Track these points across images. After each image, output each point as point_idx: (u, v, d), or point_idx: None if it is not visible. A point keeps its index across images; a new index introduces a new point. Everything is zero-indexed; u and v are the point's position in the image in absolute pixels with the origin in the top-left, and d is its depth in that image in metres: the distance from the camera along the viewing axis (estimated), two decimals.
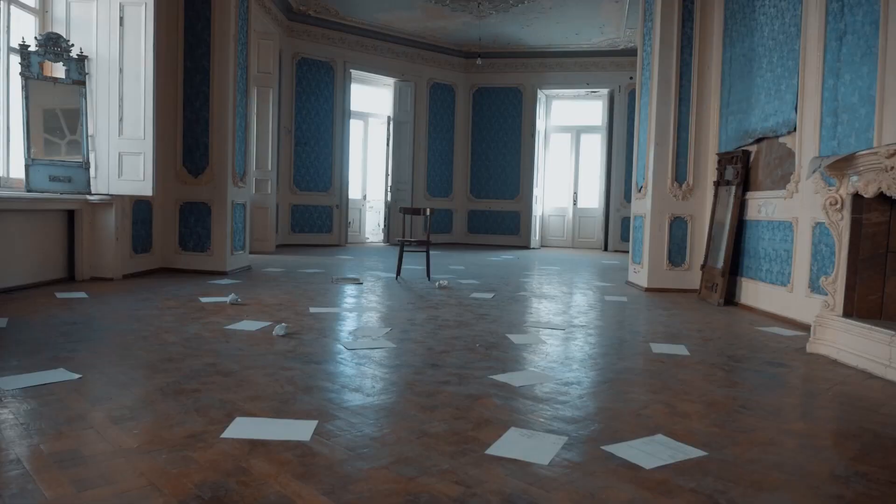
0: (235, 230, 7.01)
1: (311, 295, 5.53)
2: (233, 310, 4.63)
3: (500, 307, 5.27)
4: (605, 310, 5.36)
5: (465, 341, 3.84)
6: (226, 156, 6.74)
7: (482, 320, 4.60)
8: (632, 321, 4.91)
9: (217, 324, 4.09)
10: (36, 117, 5.64)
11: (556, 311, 5.26)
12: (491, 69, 13.57)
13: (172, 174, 6.79)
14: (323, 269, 7.64)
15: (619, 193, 13.09)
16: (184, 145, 6.77)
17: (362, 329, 4.14)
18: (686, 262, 6.66)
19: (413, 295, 5.81)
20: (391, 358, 3.39)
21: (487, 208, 13.76)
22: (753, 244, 5.64)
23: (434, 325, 4.33)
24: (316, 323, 4.27)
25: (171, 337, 3.65)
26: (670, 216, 6.66)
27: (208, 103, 6.72)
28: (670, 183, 6.66)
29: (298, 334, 3.86)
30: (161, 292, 5.33)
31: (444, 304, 5.32)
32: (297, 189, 11.55)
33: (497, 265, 9.14)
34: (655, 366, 3.40)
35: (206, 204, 6.77)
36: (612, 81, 13.11)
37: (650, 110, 6.79)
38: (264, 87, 9.68)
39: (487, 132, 13.74)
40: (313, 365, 3.15)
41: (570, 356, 3.60)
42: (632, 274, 7.24)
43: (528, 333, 4.19)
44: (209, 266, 6.75)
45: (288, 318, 4.40)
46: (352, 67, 12.10)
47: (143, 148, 5.78)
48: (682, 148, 6.65)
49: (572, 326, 4.52)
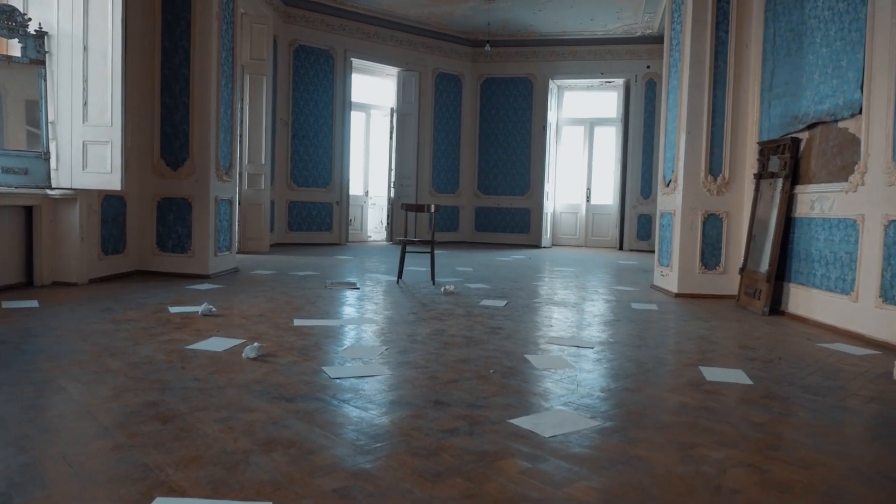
0: (220, 229, 6.34)
1: (300, 303, 4.86)
2: (203, 322, 3.96)
3: (514, 318, 4.58)
4: (635, 321, 4.67)
5: (476, 365, 3.16)
6: (208, 146, 6.07)
7: (495, 335, 3.91)
8: (669, 335, 4.22)
9: (178, 342, 3.42)
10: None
11: (579, 322, 4.57)
12: (500, 58, 12.85)
13: (149, 166, 6.13)
14: (318, 272, 6.97)
15: (636, 189, 12.37)
16: (162, 134, 6.10)
17: (353, 348, 3.46)
18: (721, 265, 5.95)
19: (415, 302, 5.14)
20: (385, 391, 2.71)
21: (496, 205, 13.06)
22: (805, 245, 4.92)
23: (439, 343, 3.65)
24: (298, 340, 3.59)
25: (114, 362, 2.98)
26: (703, 213, 5.95)
27: (189, 87, 6.05)
28: (704, 176, 5.95)
29: (274, 356, 3.19)
30: (127, 300, 4.67)
31: (450, 313, 4.64)
32: (294, 185, 10.89)
33: (507, 266, 8.44)
34: (716, 401, 2.71)
35: (186, 200, 6.10)
36: (628, 71, 12.38)
37: (680, 95, 6.08)
38: (257, 74, 9.00)
39: (496, 125, 13.03)
40: (283, 403, 2.47)
41: (605, 386, 2.91)
42: (658, 277, 6.53)
43: (551, 354, 3.50)
44: (190, 269, 6.08)
45: (266, 333, 3.73)
46: (353, 56, 11.42)
47: (111, 136, 5.11)
48: (717, 136, 5.93)
49: (601, 343, 3.83)
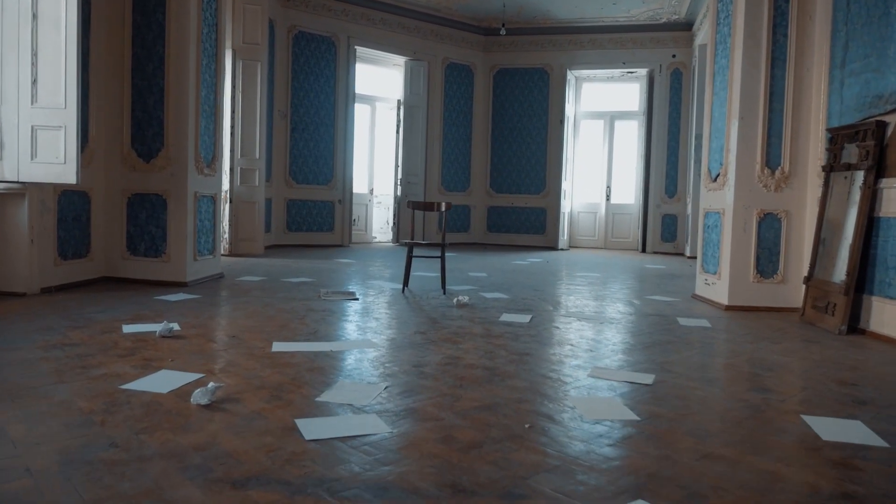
0: (200, 229, 5.55)
1: (285, 319, 4.06)
2: (159, 347, 3.17)
3: (543, 338, 3.77)
4: (690, 342, 3.84)
5: (504, 414, 2.35)
6: (186, 135, 5.28)
7: (523, 365, 3.10)
8: (740, 364, 3.39)
9: (115, 379, 2.62)
10: None
11: (623, 344, 3.74)
12: (514, 47, 12.02)
13: (118, 158, 5.35)
14: (314, 278, 6.17)
15: (660, 188, 11.50)
16: (133, 121, 5.32)
17: (343, 386, 2.66)
18: (779, 273, 5.11)
19: (424, 318, 4.33)
20: (380, 464, 1.90)
21: (510, 204, 12.22)
22: (893, 251, 4.08)
23: (453, 377, 2.84)
24: (273, 374, 2.79)
25: (12, 413, 2.18)
26: (759, 212, 5.11)
27: (164, 67, 5.26)
28: (759, 169, 5.11)
29: (235, 400, 2.39)
30: (76, 316, 3.89)
31: (465, 333, 3.83)
32: (293, 181, 10.10)
33: (525, 271, 7.62)
34: (856, 480, 1.88)
35: (160, 196, 5.32)
36: (651, 60, 11.51)
37: (731, 76, 5.24)
38: (251, 60, 8.22)
39: (510, 118, 12.19)
40: (227, 492, 1.66)
41: (691, 448, 2.09)
42: (701, 286, 5.69)
43: (600, 395, 2.68)
44: (165, 275, 5.30)
45: (233, 363, 2.93)
46: (356, 44, 10.62)
47: (65, 120, 4.33)
48: (776, 123, 5.09)
49: (658, 375, 3.00)
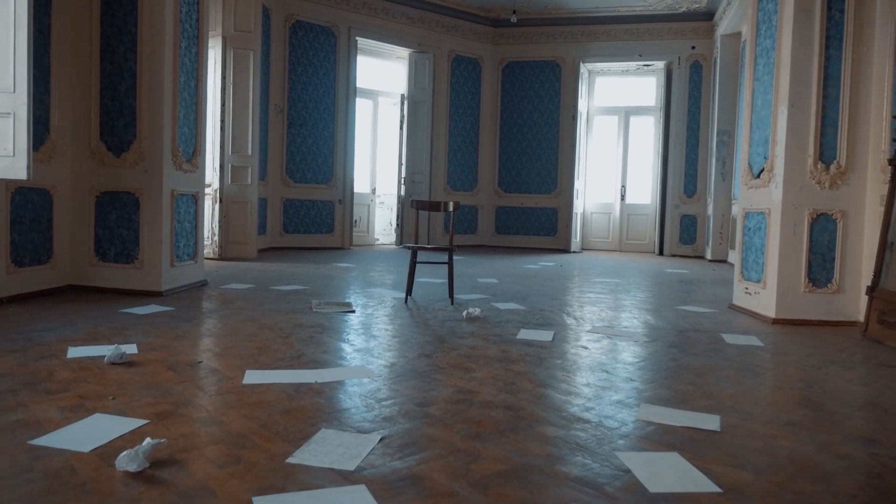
0: (179, 232, 4.96)
1: (266, 338, 3.46)
2: (104, 377, 2.57)
3: (571, 363, 3.15)
4: (746, 367, 3.22)
5: (536, 486, 1.73)
6: (161, 125, 4.69)
7: (551, 402, 2.49)
8: (818, 399, 2.75)
9: (28, 427, 2.02)
10: None
11: (667, 369, 3.12)
12: (524, 39, 11.41)
13: (85, 151, 4.76)
14: (307, 286, 5.57)
15: (678, 187, 10.87)
16: (102, 110, 4.74)
17: (325, 438, 2.05)
18: (834, 282, 4.48)
19: (429, 335, 3.72)
20: None
21: (519, 204, 11.61)
22: None
23: (466, 423, 2.22)
24: (236, 418, 2.18)
25: None
26: (811, 212, 4.48)
27: (136, 49, 4.68)
28: (811, 163, 4.48)
29: (176, 463, 1.79)
30: (17, 335, 3.29)
31: (478, 356, 3.22)
32: (290, 180, 9.51)
33: (538, 277, 7.00)
34: None
35: (132, 194, 4.73)
36: (669, 52, 10.88)
37: (778, 57, 4.62)
38: (243, 49, 7.64)
39: (519, 114, 11.58)
40: None
41: None
42: (741, 295, 5.07)
43: (662, 455, 2.07)
44: (137, 283, 4.71)
45: (190, 401, 2.32)
46: (358, 35, 10.03)
47: (14, 106, 3.74)
48: (831, 111, 4.46)
49: (725, 415, 2.38)
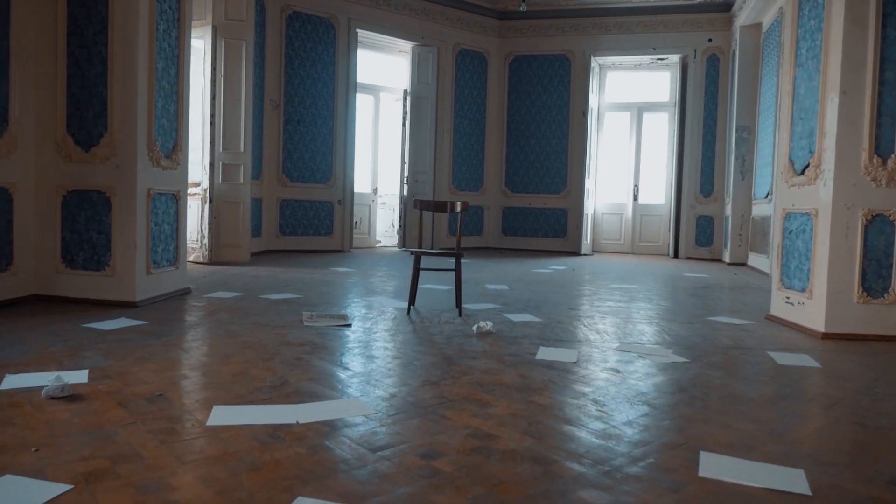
0: (156, 235, 4.47)
1: (245, 361, 2.96)
2: (35, 417, 2.08)
3: (603, 392, 2.65)
4: (809, 396, 2.71)
5: None
6: (135, 117, 4.19)
7: (585, 447, 1.98)
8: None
9: None
10: None
11: (718, 399, 2.61)
12: (532, 32, 10.91)
13: (50, 145, 4.27)
14: (300, 294, 5.08)
15: (694, 187, 10.36)
16: (69, 99, 4.25)
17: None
18: (892, 292, 3.97)
19: (435, 355, 3.22)
20: None
21: (527, 205, 11.10)
22: None
23: (485, 485, 1.72)
24: (187, 481, 1.68)
25: None
26: (865, 213, 3.97)
27: (107, 32, 4.19)
28: (866, 158, 3.97)
29: None
30: None
31: (494, 383, 2.72)
32: (287, 180, 9.03)
33: (551, 283, 6.49)
34: None
35: (103, 193, 4.24)
36: (684, 45, 10.37)
37: (826, 39, 4.11)
38: (234, 39, 7.15)
39: (527, 110, 11.07)
40: None
41: None
42: (780, 305, 4.55)
43: None
44: (109, 293, 4.22)
45: (134, 452, 1.82)
46: (358, 27, 9.54)
47: None
48: (888, 98, 3.95)
49: (811, 469, 1.88)
